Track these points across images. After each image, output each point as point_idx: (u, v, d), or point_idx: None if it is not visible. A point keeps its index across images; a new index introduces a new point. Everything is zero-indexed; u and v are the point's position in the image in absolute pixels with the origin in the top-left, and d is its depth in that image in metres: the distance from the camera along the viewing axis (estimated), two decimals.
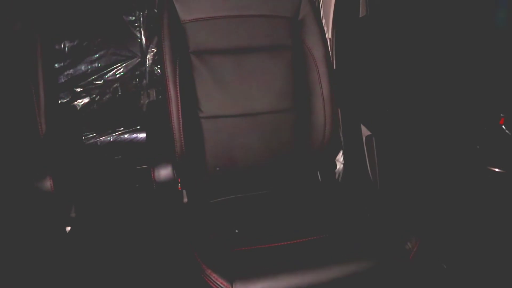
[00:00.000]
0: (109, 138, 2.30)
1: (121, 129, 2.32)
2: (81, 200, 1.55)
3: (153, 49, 2.35)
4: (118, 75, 2.33)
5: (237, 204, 1.42)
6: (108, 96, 2.34)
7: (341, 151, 1.82)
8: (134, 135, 2.33)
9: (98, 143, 2.30)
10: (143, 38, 2.33)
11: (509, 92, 1.19)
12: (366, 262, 1.14)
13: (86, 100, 2.32)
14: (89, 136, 2.29)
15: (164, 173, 1.22)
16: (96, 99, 2.33)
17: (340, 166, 1.82)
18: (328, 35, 1.73)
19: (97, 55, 2.31)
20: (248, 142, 1.50)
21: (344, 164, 1.82)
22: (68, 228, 1.46)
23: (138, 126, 2.33)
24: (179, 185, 1.39)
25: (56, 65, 2.26)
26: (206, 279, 1.07)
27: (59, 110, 1.61)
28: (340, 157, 1.82)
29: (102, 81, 2.32)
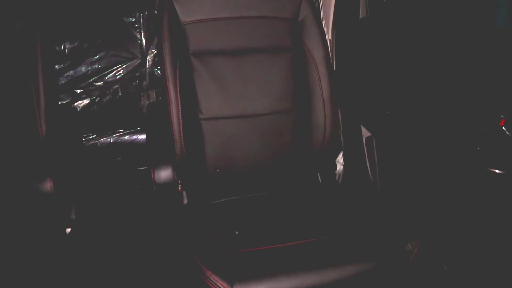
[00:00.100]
0: (109, 140, 2.30)
1: (121, 130, 2.32)
2: (81, 201, 1.55)
3: (153, 50, 2.35)
4: (118, 77, 2.33)
5: (237, 205, 1.42)
6: (108, 97, 2.34)
7: (341, 152, 1.82)
8: (134, 137, 2.33)
9: (98, 145, 2.30)
10: (143, 40, 2.33)
11: (509, 93, 1.19)
12: (366, 263, 1.14)
13: (86, 101, 2.32)
14: (89, 137, 2.29)
15: (164, 174, 1.22)
16: (96, 100, 2.33)
17: (340, 167, 1.82)
18: (328, 36, 1.74)
19: (97, 56, 2.31)
20: (248, 143, 1.50)
21: (344, 165, 1.82)
22: (68, 230, 1.46)
23: (138, 128, 2.33)
24: (179, 187, 1.38)
25: (56, 66, 2.26)
26: (206, 281, 1.07)
27: (59, 112, 1.60)
28: (340, 158, 1.82)
29: (102, 82, 2.32)
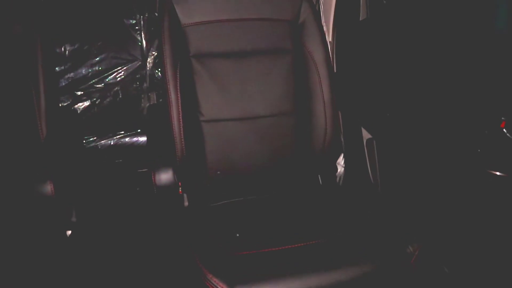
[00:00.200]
0: (109, 142, 2.31)
1: (122, 132, 2.32)
2: (81, 203, 1.55)
3: (153, 52, 2.35)
4: (118, 79, 2.33)
5: (238, 207, 1.42)
6: (108, 99, 2.34)
7: (342, 154, 1.81)
8: (134, 139, 2.33)
9: (99, 147, 2.30)
10: (144, 42, 2.34)
11: (510, 95, 1.19)
12: (367, 266, 1.13)
13: (86, 103, 2.32)
14: (89, 139, 2.29)
15: (165, 177, 1.22)
16: (96, 102, 2.33)
17: (341, 169, 1.82)
18: (329, 38, 1.74)
19: (97, 58, 2.31)
20: (248, 146, 1.50)
21: (345, 168, 1.82)
22: (69, 232, 1.46)
23: (139, 130, 2.33)
24: (180, 189, 1.38)
25: (57, 68, 2.26)
26: (207, 283, 1.06)
27: (59, 114, 1.60)
28: (341, 160, 1.82)
29: (102, 84, 2.32)
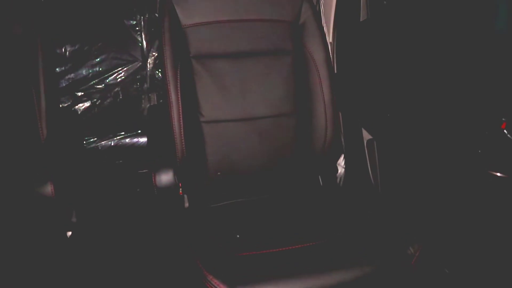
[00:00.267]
0: (110, 142, 2.30)
1: (122, 133, 2.32)
2: (82, 204, 1.55)
3: (154, 53, 2.35)
4: (119, 79, 2.33)
5: (238, 208, 1.42)
6: (109, 100, 2.34)
7: (343, 155, 1.81)
8: (135, 139, 2.33)
9: (99, 147, 2.30)
10: (144, 42, 2.34)
11: (510, 96, 1.19)
12: (368, 267, 1.13)
13: (87, 104, 2.32)
14: (90, 140, 2.29)
15: (165, 178, 1.22)
16: (97, 103, 2.33)
17: (341, 170, 1.82)
18: (329, 39, 1.74)
19: (98, 59, 2.31)
20: (249, 146, 1.50)
21: (346, 168, 1.81)
22: (69, 233, 1.46)
23: (139, 130, 2.33)
24: (180, 190, 1.38)
25: (57, 69, 2.26)
26: (207, 284, 1.06)
27: (60, 114, 1.60)
28: (341, 161, 1.82)
29: (103, 85, 2.32)
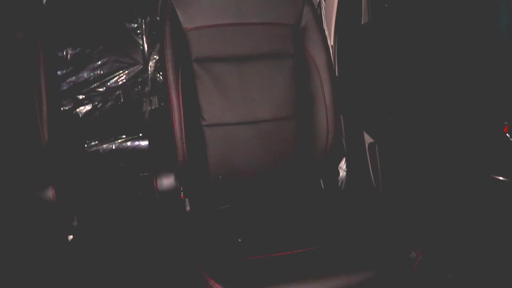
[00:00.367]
0: (111, 146, 2.30)
1: (124, 136, 2.32)
2: (83, 208, 1.55)
3: (155, 56, 2.35)
4: (120, 82, 2.33)
5: (240, 212, 1.42)
6: (110, 103, 2.34)
7: (344, 159, 1.81)
8: (136, 143, 2.33)
9: (100, 151, 2.30)
10: (145, 45, 2.34)
11: None
12: (370, 271, 1.13)
13: (88, 107, 2.32)
14: (91, 143, 2.29)
15: (167, 182, 1.22)
16: (98, 106, 2.33)
17: (343, 173, 1.81)
18: (330, 42, 1.74)
19: (99, 62, 2.31)
20: (250, 150, 1.50)
21: (347, 172, 1.81)
22: (70, 237, 1.45)
23: (141, 134, 2.33)
24: (182, 194, 1.38)
25: (59, 72, 2.26)
26: None
27: (61, 118, 1.60)
28: (343, 164, 1.82)
29: (104, 88, 2.32)
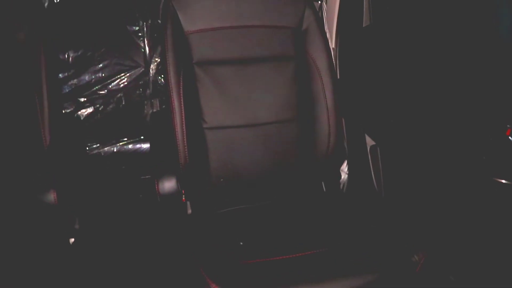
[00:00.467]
0: (113, 148, 2.30)
1: (125, 139, 2.32)
2: (84, 211, 1.55)
3: (156, 59, 2.35)
4: (122, 85, 2.33)
5: (241, 215, 1.42)
6: (112, 106, 2.34)
7: (346, 161, 1.81)
8: (138, 145, 2.33)
9: (102, 154, 2.30)
10: (147, 48, 2.34)
11: None
12: (372, 274, 1.13)
13: (90, 110, 2.32)
14: (92, 146, 2.29)
15: (168, 185, 1.21)
16: (100, 109, 2.33)
17: (344, 176, 1.81)
18: (332, 44, 1.74)
19: (101, 65, 2.31)
20: (252, 153, 1.50)
21: (349, 174, 1.81)
22: (72, 240, 1.45)
23: (142, 136, 2.33)
24: (183, 197, 1.38)
25: (60, 75, 2.26)
26: None
27: (63, 120, 1.60)
28: (344, 167, 1.82)
29: (106, 91, 2.32)
